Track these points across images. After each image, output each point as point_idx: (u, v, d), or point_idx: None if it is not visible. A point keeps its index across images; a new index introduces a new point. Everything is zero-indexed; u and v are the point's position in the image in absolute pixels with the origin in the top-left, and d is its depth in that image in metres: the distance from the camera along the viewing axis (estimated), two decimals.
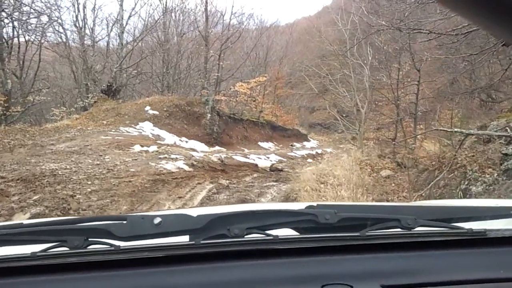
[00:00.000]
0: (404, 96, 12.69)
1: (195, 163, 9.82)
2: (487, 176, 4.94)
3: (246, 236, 0.94)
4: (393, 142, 12.80)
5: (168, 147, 12.54)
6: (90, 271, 0.90)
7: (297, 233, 1.01)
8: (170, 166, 8.96)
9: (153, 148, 11.84)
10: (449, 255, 0.98)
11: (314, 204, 1.07)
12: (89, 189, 6.38)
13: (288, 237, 0.98)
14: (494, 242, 1.01)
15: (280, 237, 0.94)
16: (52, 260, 0.90)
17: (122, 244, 0.91)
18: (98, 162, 8.62)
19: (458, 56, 8.60)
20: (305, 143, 24.70)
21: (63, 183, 6.64)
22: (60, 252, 0.91)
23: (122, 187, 6.72)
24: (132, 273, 0.91)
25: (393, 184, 7.90)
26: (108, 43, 20.75)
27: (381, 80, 12.99)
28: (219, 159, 11.23)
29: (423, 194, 5.53)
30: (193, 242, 0.93)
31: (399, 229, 0.99)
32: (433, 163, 6.74)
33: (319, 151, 20.50)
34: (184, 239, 0.95)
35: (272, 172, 12.46)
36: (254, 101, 21.08)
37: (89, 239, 0.91)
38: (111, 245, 0.91)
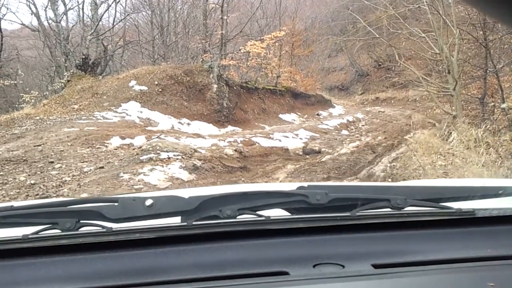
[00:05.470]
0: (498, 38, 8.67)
1: (199, 163, 6.14)
2: None
3: (238, 217, 0.93)
4: (483, 102, 8.93)
5: (163, 135, 8.86)
6: (82, 253, 0.88)
7: (288, 214, 1.00)
8: (157, 176, 5.29)
9: (139, 140, 8.20)
10: (439, 235, 0.98)
11: (305, 184, 1.05)
12: None
13: (280, 217, 0.97)
14: (482, 222, 1.00)
15: (271, 217, 0.94)
16: (44, 242, 0.88)
17: (113, 226, 0.89)
18: (33, 181, 5.02)
19: None
20: (330, 110, 21.27)
21: None
22: (52, 234, 0.89)
23: None
24: (124, 255, 0.89)
25: None
26: (83, 8, 16.75)
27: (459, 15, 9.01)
28: (236, 150, 7.53)
29: None
30: (185, 223, 0.91)
31: (389, 209, 0.98)
32: None
33: (350, 118, 17.75)
34: (176, 220, 0.93)
35: (308, 156, 9.39)
36: (268, 64, 17.12)
37: (81, 221, 0.89)
38: (103, 227, 0.89)
